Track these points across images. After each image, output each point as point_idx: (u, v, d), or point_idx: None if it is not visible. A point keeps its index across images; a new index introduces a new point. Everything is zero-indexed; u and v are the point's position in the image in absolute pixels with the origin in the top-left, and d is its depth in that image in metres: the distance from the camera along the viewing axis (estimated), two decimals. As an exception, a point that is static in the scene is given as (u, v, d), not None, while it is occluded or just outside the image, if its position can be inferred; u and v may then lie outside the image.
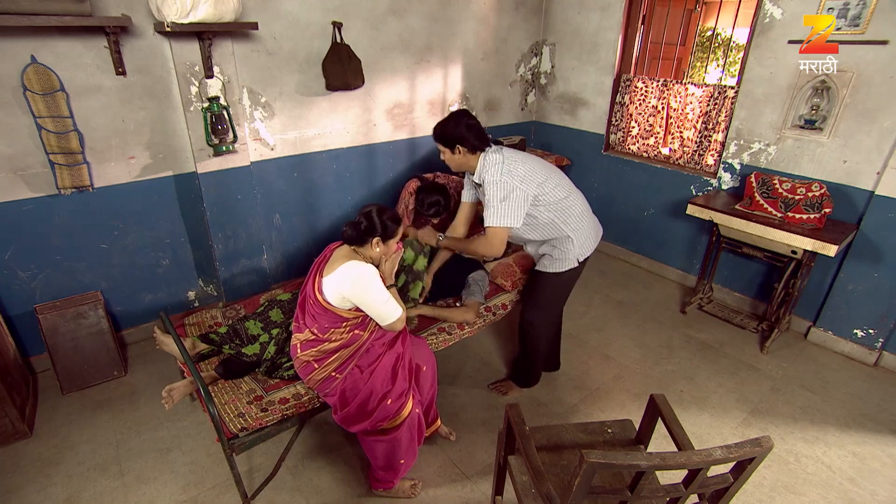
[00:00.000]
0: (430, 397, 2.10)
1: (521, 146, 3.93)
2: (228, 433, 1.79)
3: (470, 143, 2.03)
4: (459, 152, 2.06)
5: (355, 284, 1.68)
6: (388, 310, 1.74)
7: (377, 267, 1.82)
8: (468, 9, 3.55)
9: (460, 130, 2.02)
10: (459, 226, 2.40)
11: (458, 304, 2.51)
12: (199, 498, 2.02)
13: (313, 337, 1.78)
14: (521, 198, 1.99)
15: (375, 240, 1.74)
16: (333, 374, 1.81)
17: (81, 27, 2.21)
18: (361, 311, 1.76)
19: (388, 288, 1.79)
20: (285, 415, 1.91)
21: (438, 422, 2.24)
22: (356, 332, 1.79)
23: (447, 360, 2.82)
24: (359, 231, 1.73)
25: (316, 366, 1.80)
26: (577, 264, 2.18)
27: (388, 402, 1.81)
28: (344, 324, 1.76)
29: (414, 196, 2.90)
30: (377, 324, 1.82)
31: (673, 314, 3.36)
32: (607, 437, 1.71)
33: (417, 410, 1.90)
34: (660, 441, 2.13)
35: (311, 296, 1.77)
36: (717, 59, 4.77)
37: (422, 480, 2.08)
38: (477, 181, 2.12)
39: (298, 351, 1.83)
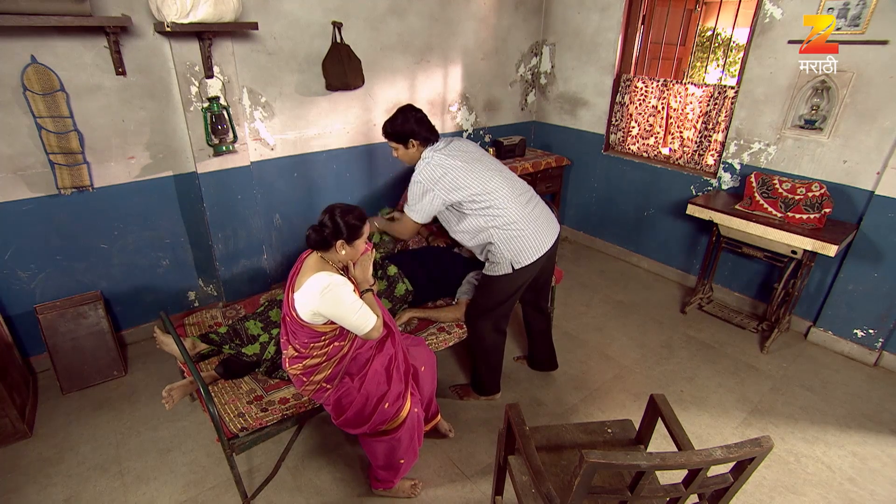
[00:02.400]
0: (429, 395, 2.10)
1: (521, 146, 3.94)
2: (228, 433, 1.79)
3: (422, 136, 2.09)
4: (413, 146, 2.11)
5: (323, 299, 1.60)
6: (361, 319, 1.65)
7: (347, 271, 1.78)
8: (468, 9, 3.55)
9: (410, 125, 2.07)
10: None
11: (454, 303, 2.52)
12: (199, 498, 2.02)
13: (296, 353, 1.75)
14: (434, 202, 2.07)
15: (340, 242, 1.66)
16: (324, 385, 1.78)
17: (81, 27, 2.21)
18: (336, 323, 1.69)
19: (362, 294, 1.74)
20: (285, 415, 1.91)
21: (439, 417, 2.24)
22: (336, 343, 1.73)
23: (447, 360, 2.82)
24: (322, 235, 1.65)
25: (305, 379, 1.78)
26: (511, 271, 2.13)
27: (386, 406, 1.80)
28: (322, 338, 1.70)
29: None
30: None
31: (673, 314, 3.36)
32: (607, 437, 1.71)
33: (416, 410, 1.89)
34: (660, 441, 2.14)
35: (287, 312, 1.71)
36: (717, 59, 4.77)
37: (422, 480, 2.08)
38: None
39: (287, 366, 1.81)
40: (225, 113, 2.60)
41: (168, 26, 2.23)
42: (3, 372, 2.23)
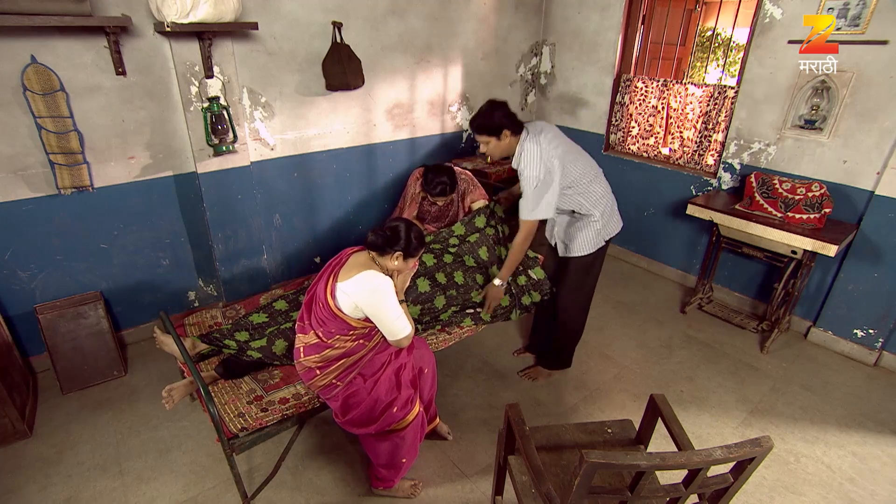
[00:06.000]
0: (429, 397, 2.10)
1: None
2: (228, 433, 1.79)
3: (514, 126, 2.17)
4: (506, 137, 2.18)
5: (372, 295, 1.66)
6: (399, 326, 1.73)
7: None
8: (468, 9, 3.55)
9: (503, 118, 2.16)
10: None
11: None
12: (199, 498, 2.02)
13: (317, 340, 1.76)
14: (556, 191, 2.14)
15: (398, 253, 1.72)
16: (335, 381, 1.79)
17: (81, 27, 2.21)
18: (371, 322, 1.74)
19: (400, 303, 1.77)
20: (285, 415, 1.91)
21: (437, 420, 2.24)
22: (361, 341, 1.77)
23: (447, 360, 2.82)
24: (384, 240, 1.71)
25: (318, 372, 1.78)
26: (603, 244, 2.33)
27: (394, 410, 1.81)
28: (351, 332, 1.73)
29: (421, 180, 2.93)
30: (383, 336, 1.81)
31: (673, 314, 3.36)
32: (607, 437, 1.71)
33: (421, 409, 1.90)
34: (660, 441, 2.13)
35: (322, 298, 1.74)
36: (717, 59, 4.77)
37: (422, 480, 2.08)
38: (514, 167, 2.23)
39: (301, 355, 1.81)
40: (225, 113, 2.60)
41: (168, 26, 2.23)
42: (3, 372, 2.23)
